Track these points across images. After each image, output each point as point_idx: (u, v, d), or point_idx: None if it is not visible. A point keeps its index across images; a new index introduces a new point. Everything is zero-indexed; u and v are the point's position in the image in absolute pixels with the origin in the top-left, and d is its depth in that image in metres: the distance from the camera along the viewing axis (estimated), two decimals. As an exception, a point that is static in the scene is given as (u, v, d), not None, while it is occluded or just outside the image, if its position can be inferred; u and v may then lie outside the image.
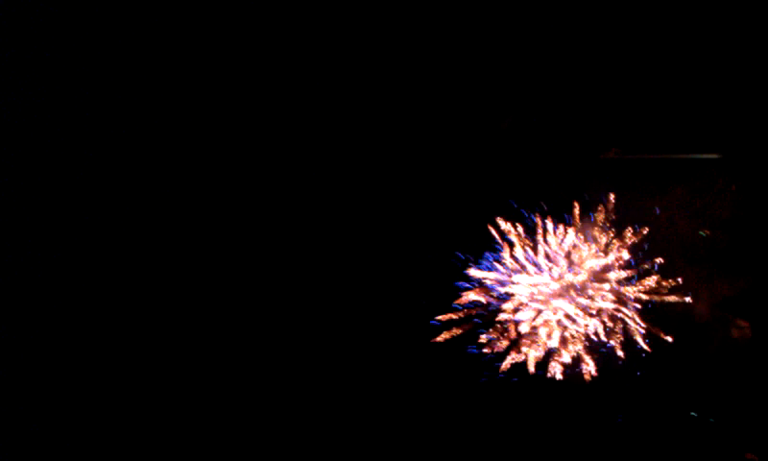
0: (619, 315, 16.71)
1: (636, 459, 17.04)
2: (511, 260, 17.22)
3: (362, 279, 18.20)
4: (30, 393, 17.56)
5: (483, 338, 16.76)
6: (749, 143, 17.49)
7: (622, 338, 16.62)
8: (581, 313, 16.46)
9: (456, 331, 16.95)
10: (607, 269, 17.07)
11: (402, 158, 18.61)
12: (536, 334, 16.55)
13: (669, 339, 16.61)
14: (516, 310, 16.73)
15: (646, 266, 17.07)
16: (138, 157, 18.43)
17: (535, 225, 17.28)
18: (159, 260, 18.34)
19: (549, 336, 16.40)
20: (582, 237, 17.11)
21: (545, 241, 17.10)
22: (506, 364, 16.68)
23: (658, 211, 17.39)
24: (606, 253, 17.20)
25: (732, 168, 17.63)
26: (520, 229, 17.31)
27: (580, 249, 17.04)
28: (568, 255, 17.11)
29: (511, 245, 17.16)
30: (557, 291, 16.64)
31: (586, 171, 18.35)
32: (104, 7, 17.99)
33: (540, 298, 16.66)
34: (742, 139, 17.53)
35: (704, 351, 17.40)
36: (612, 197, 17.30)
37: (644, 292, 16.98)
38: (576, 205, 17.29)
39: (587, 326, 16.43)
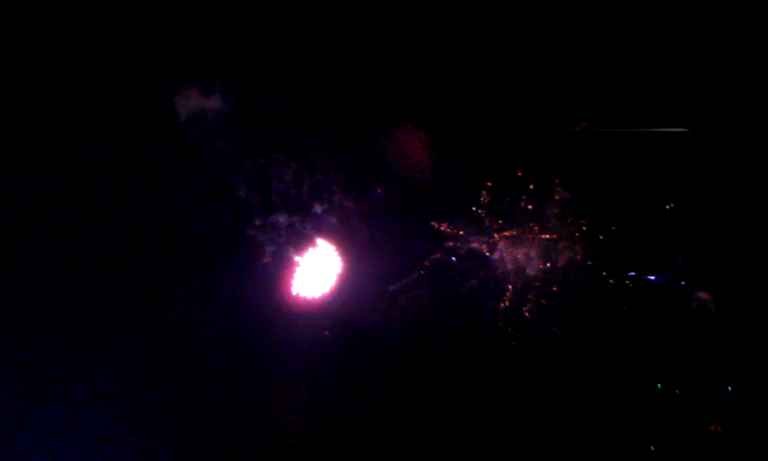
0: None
1: (600, 431, 17.26)
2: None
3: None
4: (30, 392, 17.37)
5: None
6: (717, 117, 17.50)
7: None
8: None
9: None
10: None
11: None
12: None
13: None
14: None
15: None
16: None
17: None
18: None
19: None
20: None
21: None
22: None
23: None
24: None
25: (701, 142, 17.67)
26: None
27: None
28: None
29: None
30: None
31: (553, 144, 18.26)
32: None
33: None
34: (710, 113, 17.54)
35: (669, 324, 17.64)
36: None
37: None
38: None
39: None
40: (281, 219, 18.03)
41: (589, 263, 18.03)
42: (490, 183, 18.45)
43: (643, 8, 17.35)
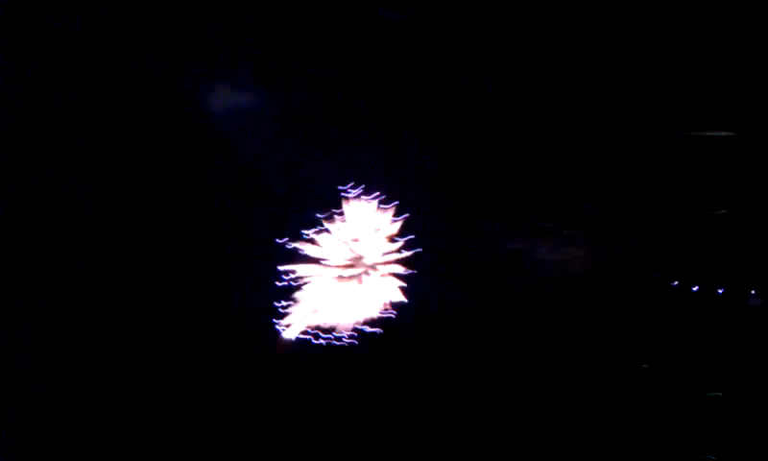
0: None
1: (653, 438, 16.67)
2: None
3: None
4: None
5: None
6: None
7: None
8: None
9: None
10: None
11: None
12: None
13: None
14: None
15: None
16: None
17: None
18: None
19: None
20: None
21: None
22: None
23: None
24: None
25: (748, 146, 17.45)
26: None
27: None
28: None
29: None
30: None
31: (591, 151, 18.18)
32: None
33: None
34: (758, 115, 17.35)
35: (722, 332, 17.13)
36: None
37: None
38: None
39: None
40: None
41: (633, 269, 17.68)
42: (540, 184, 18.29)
43: (687, 10, 17.49)
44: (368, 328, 17.14)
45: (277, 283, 17.34)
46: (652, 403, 17.11)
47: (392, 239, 17.80)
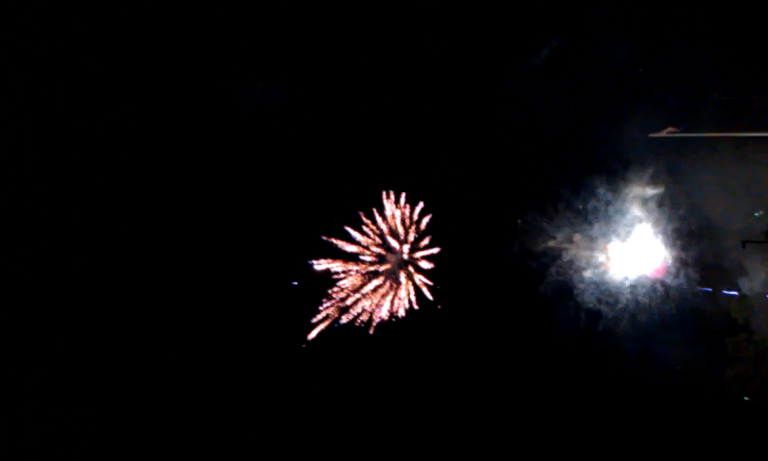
0: None
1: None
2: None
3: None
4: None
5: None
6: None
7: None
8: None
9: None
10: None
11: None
12: None
13: None
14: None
15: None
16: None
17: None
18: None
19: None
20: None
21: None
22: None
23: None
24: None
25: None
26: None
27: None
28: None
29: None
30: None
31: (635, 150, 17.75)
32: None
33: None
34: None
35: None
36: None
37: None
38: None
39: None
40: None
41: (674, 270, 17.33)
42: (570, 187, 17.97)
43: (729, 11, 16.96)
44: (395, 322, 17.52)
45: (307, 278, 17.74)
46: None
47: (419, 237, 18.04)
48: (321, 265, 17.80)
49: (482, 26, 17.78)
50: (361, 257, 18.03)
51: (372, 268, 17.98)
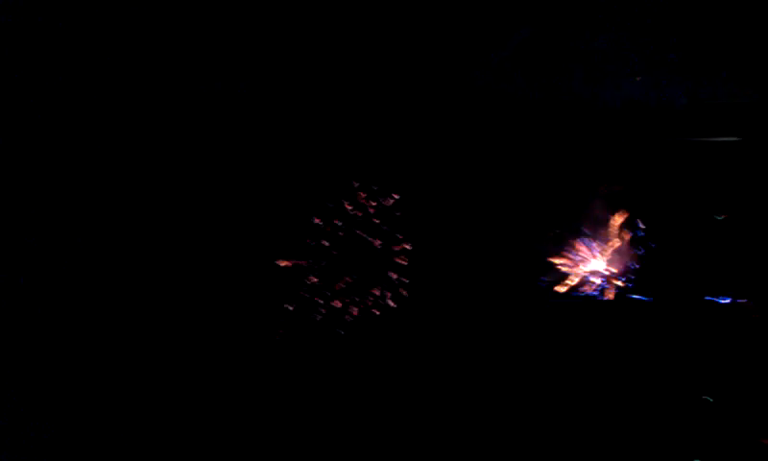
0: None
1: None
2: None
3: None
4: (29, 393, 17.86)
5: None
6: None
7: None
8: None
9: None
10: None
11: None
12: None
13: None
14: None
15: None
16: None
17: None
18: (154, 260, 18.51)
19: None
20: None
21: None
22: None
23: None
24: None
25: (754, 151, 17.36)
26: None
27: None
28: None
29: None
30: None
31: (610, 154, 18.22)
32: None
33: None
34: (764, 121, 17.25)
35: (723, 340, 17.14)
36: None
37: None
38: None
39: None
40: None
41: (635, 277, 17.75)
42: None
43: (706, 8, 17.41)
44: (363, 322, 17.65)
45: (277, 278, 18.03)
46: (643, 406, 17.31)
47: (393, 234, 18.20)
48: (286, 262, 17.62)
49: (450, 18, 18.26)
50: (331, 252, 17.96)
51: (342, 263, 17.85)
